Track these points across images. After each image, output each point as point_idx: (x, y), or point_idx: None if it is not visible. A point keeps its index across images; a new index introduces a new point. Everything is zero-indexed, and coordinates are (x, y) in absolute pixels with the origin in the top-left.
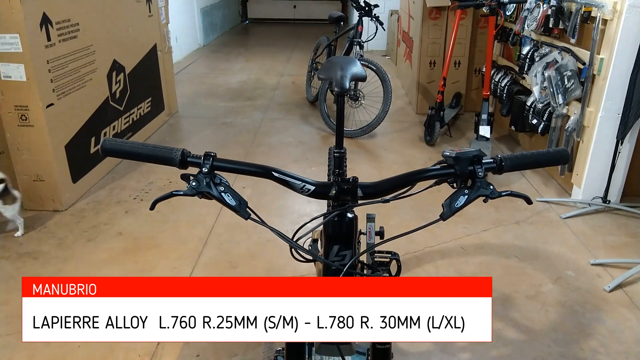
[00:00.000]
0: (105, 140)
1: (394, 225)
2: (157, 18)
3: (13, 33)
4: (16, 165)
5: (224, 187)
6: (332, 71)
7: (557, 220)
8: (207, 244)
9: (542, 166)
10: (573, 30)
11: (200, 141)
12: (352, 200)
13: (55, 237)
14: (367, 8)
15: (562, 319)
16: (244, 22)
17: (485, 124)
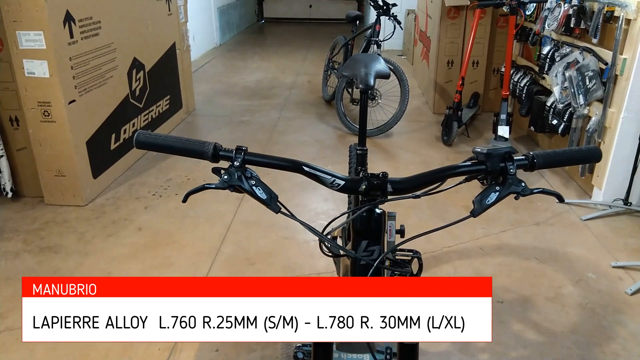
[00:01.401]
0: (140, 133)
1: (411, 224)
2: (176, 17)
3: (37, 30)
4: (38, 160)
5: (255, 181)
6: (356, 68)
7: (577, 222)
8: (225, 241)
9: (574, 164)
10: (595, 30)
11: (217, 139)
12: (382, 195)
13: (76, 231)
14: (385, 7)
15: (583, 322)
16: (260, 22)
17: (504, 124)
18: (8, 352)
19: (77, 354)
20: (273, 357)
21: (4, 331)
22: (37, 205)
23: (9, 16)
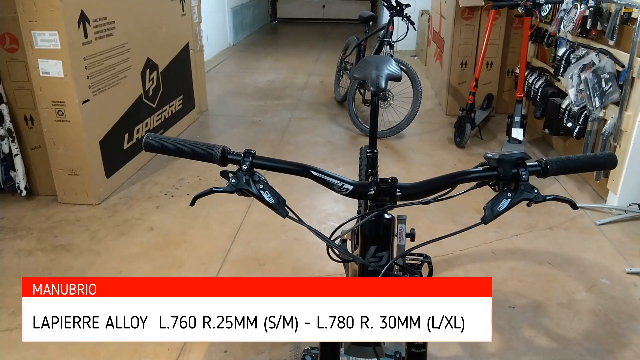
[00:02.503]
0: (149, 135)
1: (421, 227)
2: (190, 17)
3: (52, 30)
4: (52, 159)
5: (263, 185)
6: (367, 70)
7: (591, 227)
8: (235, 241)
9: (588, 170)
10: (612, 32)
11: (229, 139)
12: (391, 201)
13: (89, 230)
14: (399, 8)
15: (596, 328)
16: (273, 22)
17: (518, 127)
18: (20, 349)
19: (87, 352)
20: (281, 358)
21: (16, 329)
22: (51, 204)
23: (24, 16)
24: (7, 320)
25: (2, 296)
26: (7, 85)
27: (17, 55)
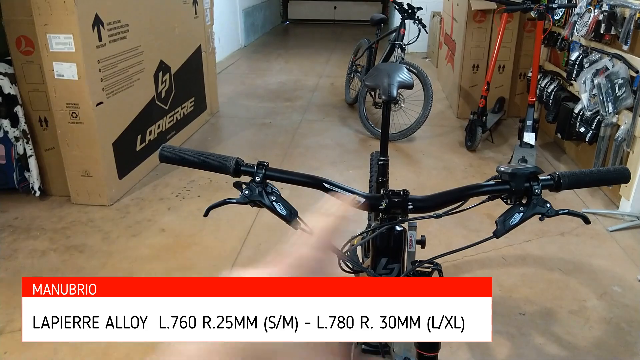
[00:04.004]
0: (164, 147)
1: (432, 231)
2: (202, 19)
3: (67, 33)
4: (66, 160)
5: (276, 197)
6: (378, 78)
7: (603, 233)
8: (246, 244)
9: (602, 185)
10: (626, 37)
11: (240, 141)
12: (402, 214)
13: (101, 231)
14: (410, 11)
15: (607, 336)
16: (285, 23)
17: (529, 131)
18: (33, 350)
19: (100, 353)
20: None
21: None
22: (64, 205)
23: (40, 19)
24: (20, 320)
25: (17, 296)
26: (22, 87)
27: (33, 58)
